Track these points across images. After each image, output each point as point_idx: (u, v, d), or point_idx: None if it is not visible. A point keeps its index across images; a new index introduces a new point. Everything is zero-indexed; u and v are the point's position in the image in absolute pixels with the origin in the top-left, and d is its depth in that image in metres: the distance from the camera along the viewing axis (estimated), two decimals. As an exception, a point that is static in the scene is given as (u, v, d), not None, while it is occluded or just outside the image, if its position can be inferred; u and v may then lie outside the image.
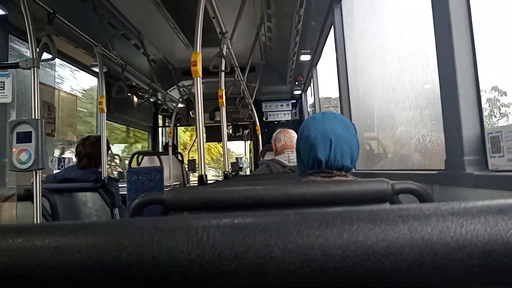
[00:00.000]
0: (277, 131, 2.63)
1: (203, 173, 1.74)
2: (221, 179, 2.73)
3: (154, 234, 0.29)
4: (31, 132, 1.61)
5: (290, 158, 2.43)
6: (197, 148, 1.84)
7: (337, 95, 2.93)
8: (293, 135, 2.56)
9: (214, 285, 0.28)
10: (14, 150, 1.60)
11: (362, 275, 0.28)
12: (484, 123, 1.15)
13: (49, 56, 2.09)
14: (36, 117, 1.71)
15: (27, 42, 1.79)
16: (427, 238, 0.28)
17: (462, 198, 1.14)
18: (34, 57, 1.76)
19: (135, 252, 0.28)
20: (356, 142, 1.10)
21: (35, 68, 1.75)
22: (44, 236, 0.30)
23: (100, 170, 2.45)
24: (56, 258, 0.28)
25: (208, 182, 1.87)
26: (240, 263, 0.28)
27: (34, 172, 1.61)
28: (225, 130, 2.63)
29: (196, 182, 1.83)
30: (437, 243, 0.28)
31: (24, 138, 1.62)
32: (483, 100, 1.17)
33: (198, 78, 1.78)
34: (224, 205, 0.95)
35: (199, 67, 1.75)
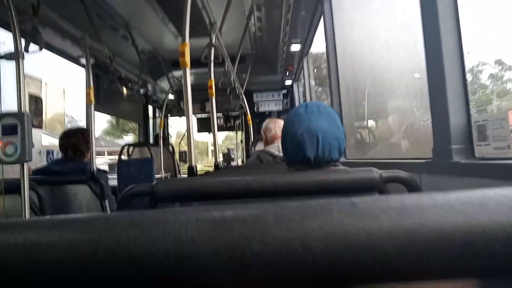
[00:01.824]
0: (267, 120, 2.63)
1: (193, 164, 1.73)
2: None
3: (130, 229, 0.28)
4: (16, 125, 1.59)
5: (280, 148, 2.43)
6: (187, 139, 1.84)
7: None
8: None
9: (193, 280, 0.28)
10: (-1, 143, 1.57)
11: (342, 267, 0.28)
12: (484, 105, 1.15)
13: (36, 47, 2.05)
14: (22, 111, 1.68)
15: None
16: (408, 230, 0.28)
17: (450, 186, 1.15)
18: (18, 48, 1.72)
19: (111, 248, 0.28)
20: (343, 133, 1.08)
21: (20, 60, 1.72)
22: (19, 233, 0.29)
23: (87, 161, 2.43)
24: (31, 256, 0.28)
25: (199, 173, 1.87)
26: (218, 257, 0.27)
27: (20, 165, 1.59)
28: (216, 121, 2.62)
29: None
30: (417, 235, 0.27)
31: (10, 130, 1.59)
32: (485, 76, 1.16)
33: (187, 69, 1.77)
34: (213, 196, 0.94)
35: (187, 58, 1.74)
